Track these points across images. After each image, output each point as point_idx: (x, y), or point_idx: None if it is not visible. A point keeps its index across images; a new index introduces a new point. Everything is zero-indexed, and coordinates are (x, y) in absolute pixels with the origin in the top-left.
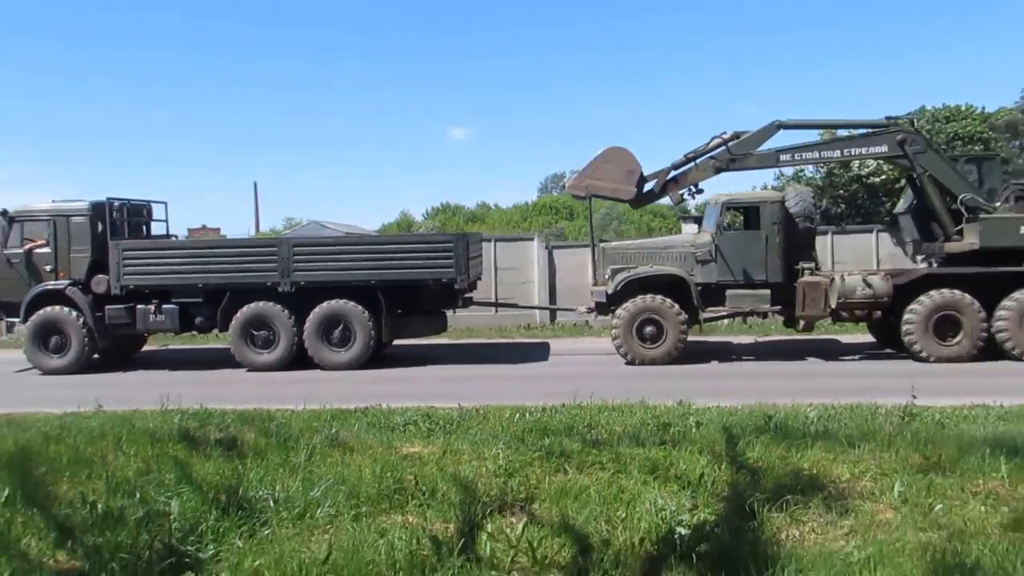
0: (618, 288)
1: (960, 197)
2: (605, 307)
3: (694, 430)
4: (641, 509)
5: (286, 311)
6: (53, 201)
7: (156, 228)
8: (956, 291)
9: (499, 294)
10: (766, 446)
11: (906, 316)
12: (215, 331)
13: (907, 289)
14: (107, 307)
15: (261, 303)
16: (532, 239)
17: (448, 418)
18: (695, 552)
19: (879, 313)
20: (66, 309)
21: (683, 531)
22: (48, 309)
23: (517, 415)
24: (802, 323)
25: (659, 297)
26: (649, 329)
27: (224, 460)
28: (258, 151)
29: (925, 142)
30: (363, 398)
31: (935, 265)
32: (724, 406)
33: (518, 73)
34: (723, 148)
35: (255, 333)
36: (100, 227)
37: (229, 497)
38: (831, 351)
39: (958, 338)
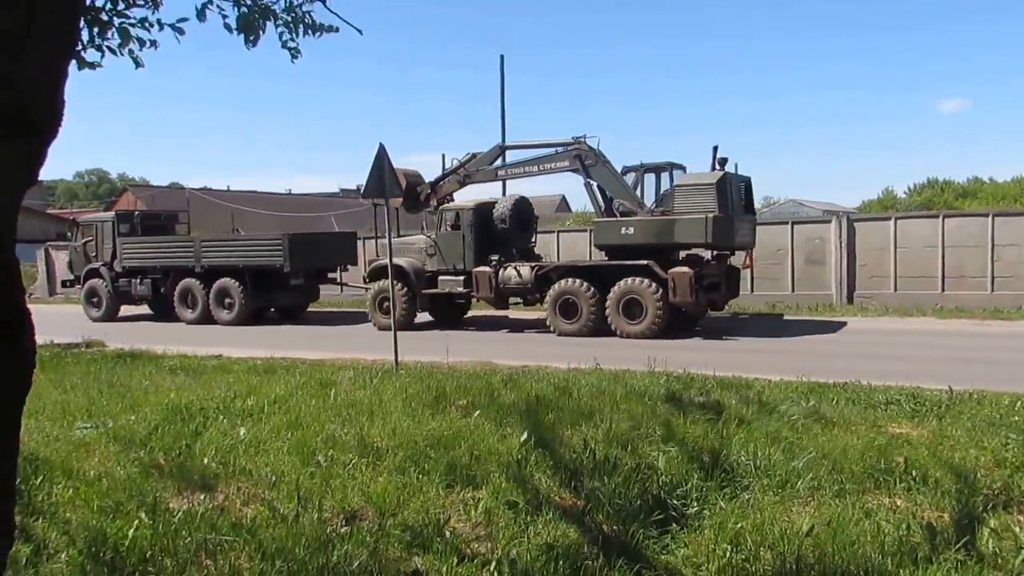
0: (368, 274)
1: (615, 202)
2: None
3: None
4: None
5: (201, 284)
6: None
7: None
8: (576, 280)
9: (995, 272)
10: None
11: (546, 300)
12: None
13: (555, 277)
14: (120, 280)
15: (188, 279)
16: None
17: (936, 400)
18: None
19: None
20: (101, 280)
21: None
22: (92, 280)
23: (1019, 403)
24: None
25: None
26: (385, 305)
27: (707, 423)
28: (735, 131)
29: (596, 157)
30: None
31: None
32: None
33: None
34: (462, 167)
35: (186, 299)
36: (120, 229)
37: (712, 459)
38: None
39: (576, 317)
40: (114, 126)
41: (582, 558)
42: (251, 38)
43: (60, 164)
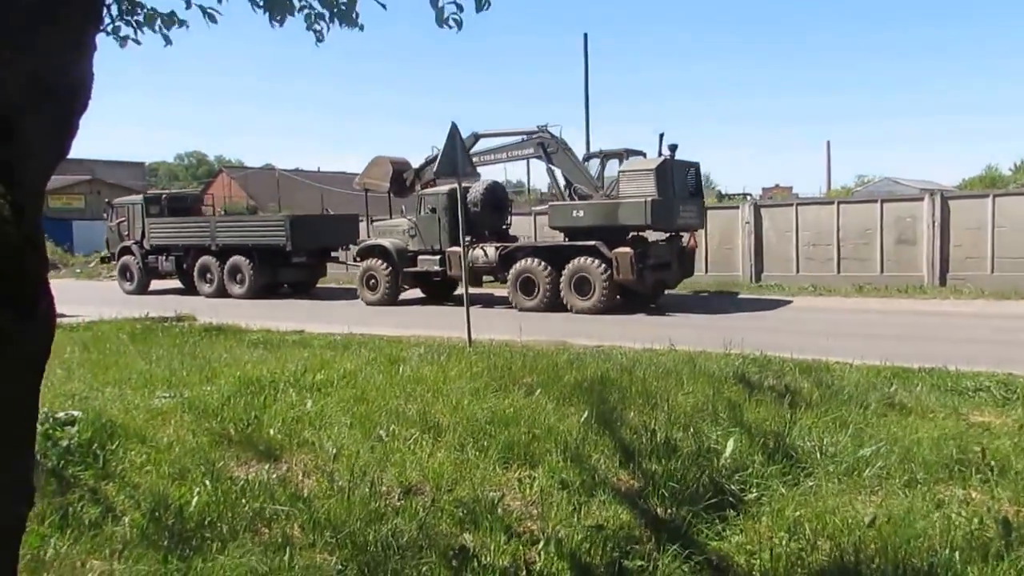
0: (357, 253)
1: (573, 186)
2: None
3: None
4: None
5: (217, 261)
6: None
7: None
8: (534, 259)
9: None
10: None
11: (509, 278)
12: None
13: (516, 257)
14: (148, 256)
15: (206, 256)
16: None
17: None
18: None
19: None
20: (133, 257)
21: None
22: (124, 257)
23: None
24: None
25: (374, 260)
26: (372, 282)
27: (775, 406)
28: (834, 109)
29: (557, 145)
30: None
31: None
32: None
33: None
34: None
35: (205, 274)
36: (149, 210)
37: (776, 443)
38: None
39: (535, 293)
40: (214, 110)
41: (632, 541)
42: (277, 17)
43: (162, 148)
